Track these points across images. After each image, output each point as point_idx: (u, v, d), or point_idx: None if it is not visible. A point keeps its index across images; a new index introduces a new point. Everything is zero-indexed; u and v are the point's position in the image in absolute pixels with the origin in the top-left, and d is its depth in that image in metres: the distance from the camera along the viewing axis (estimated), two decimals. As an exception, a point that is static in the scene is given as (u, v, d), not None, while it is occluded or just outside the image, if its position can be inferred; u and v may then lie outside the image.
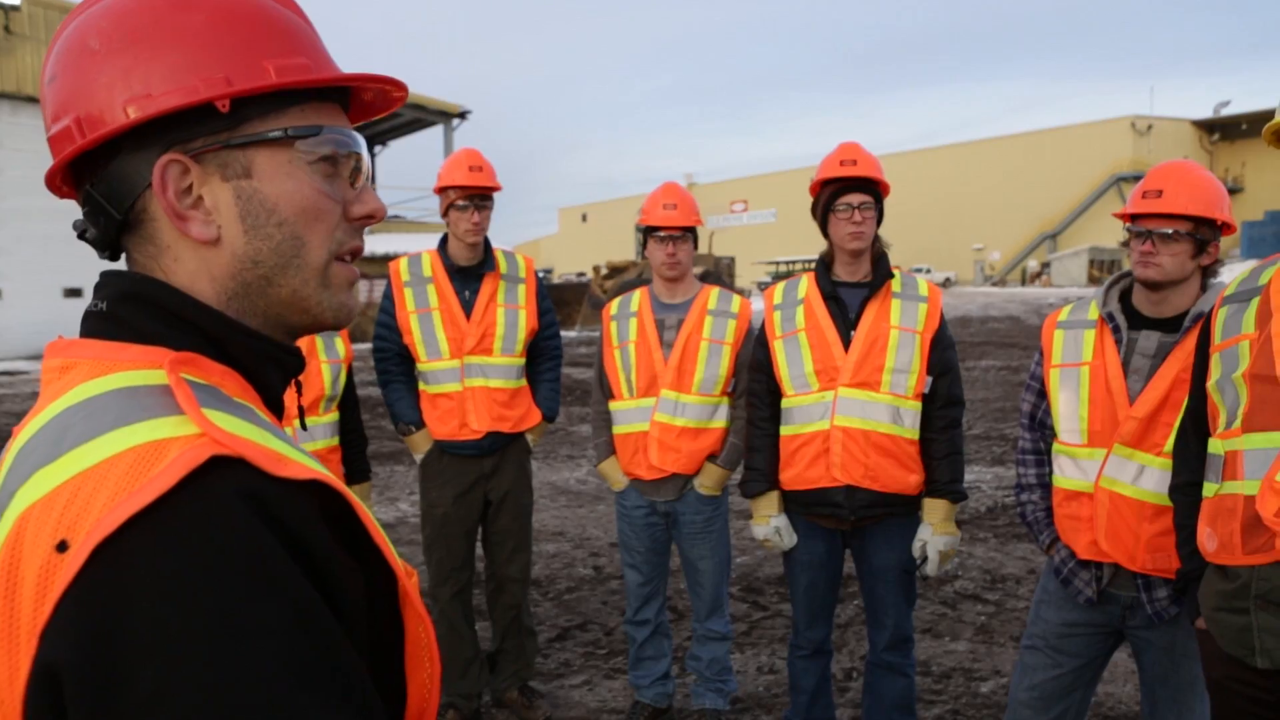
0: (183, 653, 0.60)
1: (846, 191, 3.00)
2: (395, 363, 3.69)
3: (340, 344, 3.47)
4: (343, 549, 0.72)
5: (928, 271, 52.31)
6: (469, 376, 3.59)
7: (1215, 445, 2.05)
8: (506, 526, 3.73)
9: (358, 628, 0.71)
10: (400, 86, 0.91)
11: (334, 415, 3.43)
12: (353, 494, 0.75)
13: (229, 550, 0.63)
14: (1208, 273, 2.50)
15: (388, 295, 3.67)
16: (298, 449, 0.75)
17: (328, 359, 3.39)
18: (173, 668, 0.59)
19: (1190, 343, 2.38)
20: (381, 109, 0.96)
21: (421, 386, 3.68)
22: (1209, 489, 2.06)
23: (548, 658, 4.37)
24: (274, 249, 0.83)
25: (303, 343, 3.28)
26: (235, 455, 0.67)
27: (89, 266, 19.93)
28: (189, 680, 0.59)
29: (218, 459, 0.66)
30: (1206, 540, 2.03)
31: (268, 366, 0.85)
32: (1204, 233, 2.41)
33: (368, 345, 4.96)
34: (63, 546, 0.64)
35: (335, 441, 3.42)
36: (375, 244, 24.80)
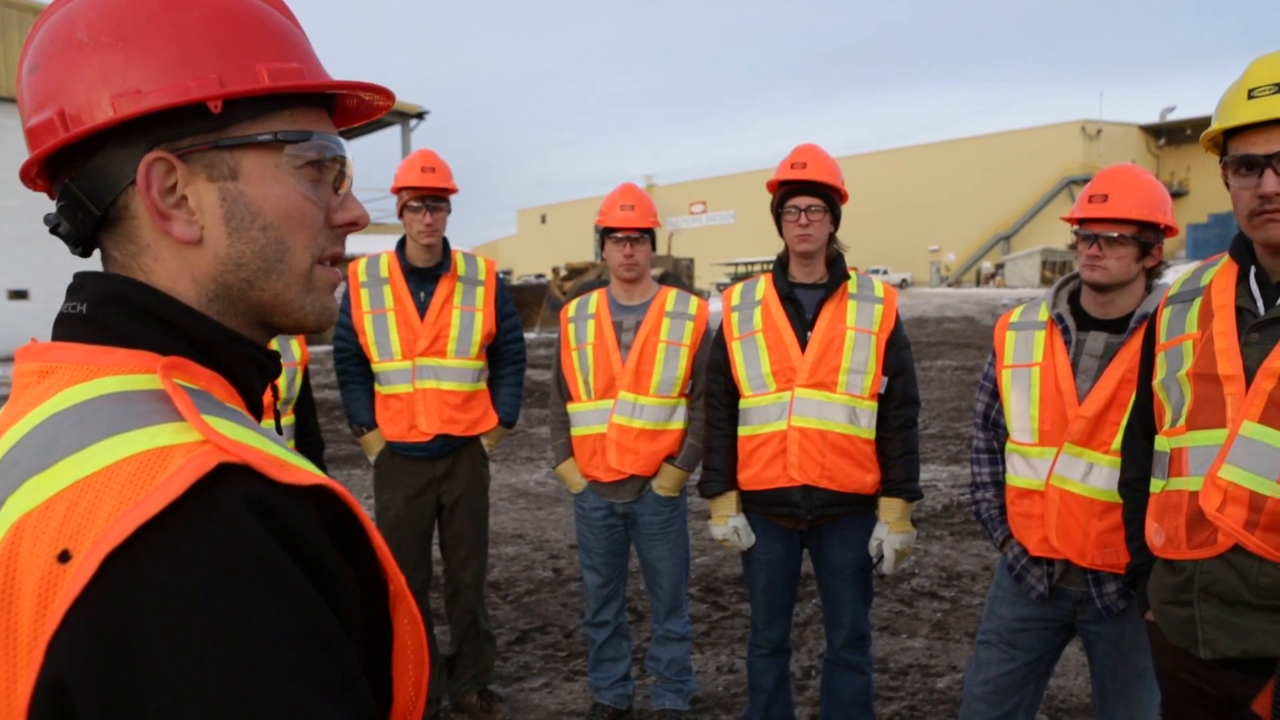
0: (198, 664, 0.59)
1: (796, 194, 3.03)
2: (353, 364, 3.66)
3: (296, 346, 3.43)
4: (340, 552, 0.72)
5: (884, 272, 52.85)
6: (420, 378, 3.56)
7: (1161, 443, 2.10)
8: (460, 530, 3.71)
9: (354, 631, 0.71)
10: (387, 95, 0.91)
11: (289, 418, 3.39)
12: (352, 498, 0.74)
13: (241, 560, 0.63)
14: (1152, 274, 2.56)
15: (345, 296, 3.64)
16: (294, 453, 0.75)
17: (284, 361, 3.35)
18: (188, 680, 0.59)
19: (1136, 343, 2.44)
20: (365, 116, 0.96)
21: (376, 387, 3.65)
22: (1156, 485, 2.11)
23: (507, 661, 4.36)
24: (258, 252, 0.82)
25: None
26: (241, 462, 0.67)
27: (33, 268, 19.48)
28: (205, 692, 0.59)
29: (224, 466, 0.66)
30: (1154, 535, 2.08)
31: (250, 370, 0.85)
32: (1148, 236, 2.47)
33: (324, 348, 4.91)
34: (65, 557, 0.63)
35: (290, 445, 3.38)
36: (331, 245, 24.46)
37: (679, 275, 28.45)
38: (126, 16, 0.78)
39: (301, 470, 0.70)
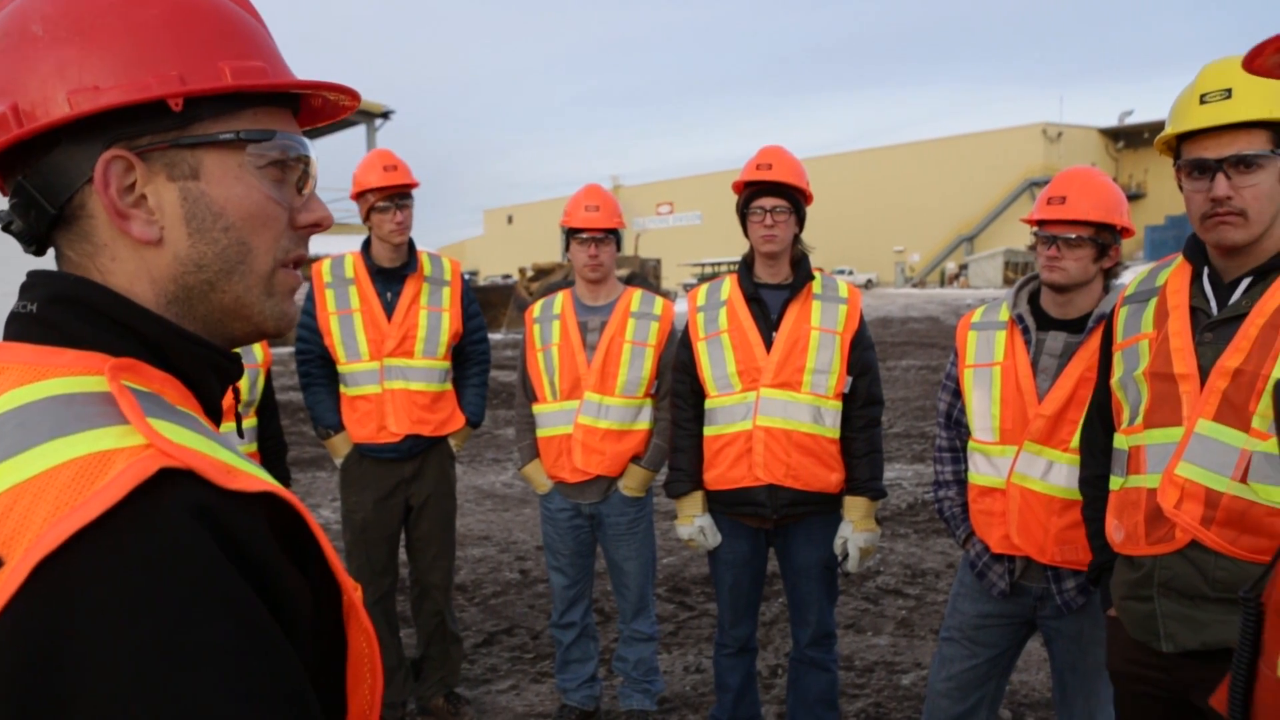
0: (130, 679, 0.57)
1: (761, 195, 3.05)
2: (317, 365, 3.63)
3: (258, 348, 3.39)
4: (290, 561, 0.70)
5: (850, 273, 53.22)
6: (388, 379, 3.54)
7: (1120, 440, 2.14)
8: (428, 532, 3.69)
9: (303, 642, 0.69)
10: (352, 95, 0.90)
11: (251, 421, 3.35)
12: (302, 505, 0.73)
13: (179, 569, 0.61)
14: (1109, 275, 2.61)
15: (309, 297, 3.61)
16: (245, 459, 0.73)
17: (245, 363, 3.31)
18: (119, 695, 0.57)
19: (1093, 342, 2.48)
20: (330, 116, 0.94)
21: (342, 389, 3.62)
22: (1115, 482, 2.14)
23: (474, 663, 4.34)
24: (219, 254, 0.81)
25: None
26: (184, 467, 0.65)
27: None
28: (137, 705, 0.57)
29: (166, 471, 0.64)
30: (1114, 532, 2.11)
31: (208, 373, 0.83)
32: (1105, 237, 2.52)
33: (287, 349, 4.84)
34: None
35: (253, 448, 3.35)
36: (295, 246, 24.23)
37: (645, 276, 28.46)
38: (83, 10, 0.76)
39: (250, 476, 0.69)
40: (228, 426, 2.92)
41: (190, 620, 0.60)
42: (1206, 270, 2.02)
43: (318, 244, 23.80)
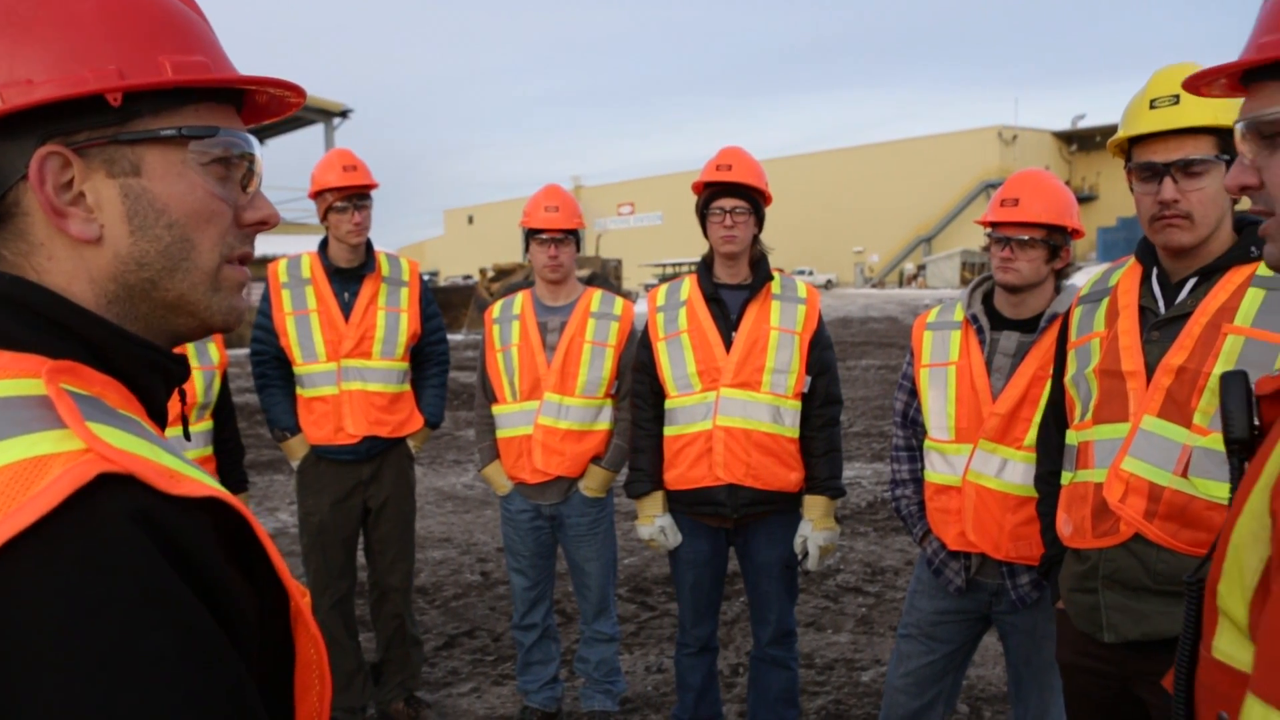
0: (70, 685, 0.56)
1: (721, 195, 3.06)
2: (273, 367, 3.59)
3: (214, 350, 3.34)
4: (236, 568, 0.69)
5: (810, 273, 53.61)
6: (346, 380, 3.51)
7: (1071, 436, 2.19)
8: (387, 534, 3.66)
9: (249, 649, 0.68)
10: (298, 92, 0.88)
11: (207, 424, 3.30)
12: (248, 511, 0.71)
13: (119, 575, 0.59)
14: (1061, 275, 2.66)
15: (265, 298, 3.57)
16: (188, 463, 0.72)
17: (200, 365, 3.27)
18: (59, 701, 0.56)
19: (1046, 341, 2.53)
20: (276, 113, 0.93)
21: (298, 390, 3.59)
22: (1065, 477, 2.19)
23: (434, 666, 4.31)
24: (162, 251, 0.79)
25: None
26: (124, 472, 0.63)
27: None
28: (77, 716, 0.56)
29: (105, 476, 0.62)
30: (1063, 526, 2.16)
31: (151, 375, 0.81)
32: (1056, 238, 2.56)
33: (244, 351, 4.80)
34: None
35: (209, 451, 3.30)
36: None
37: (607, 276, 28.46)
38: (16, 2, 0.74)
39: (193, 481, 0.67)
40: (173, 431, 2.87)
41: (131, 627, 0.58)
42: (1155, 271, 2.07)
43: (275, 244, 23.54)
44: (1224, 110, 1.90)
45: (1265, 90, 0.96)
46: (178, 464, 0.70)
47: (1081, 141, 63.30)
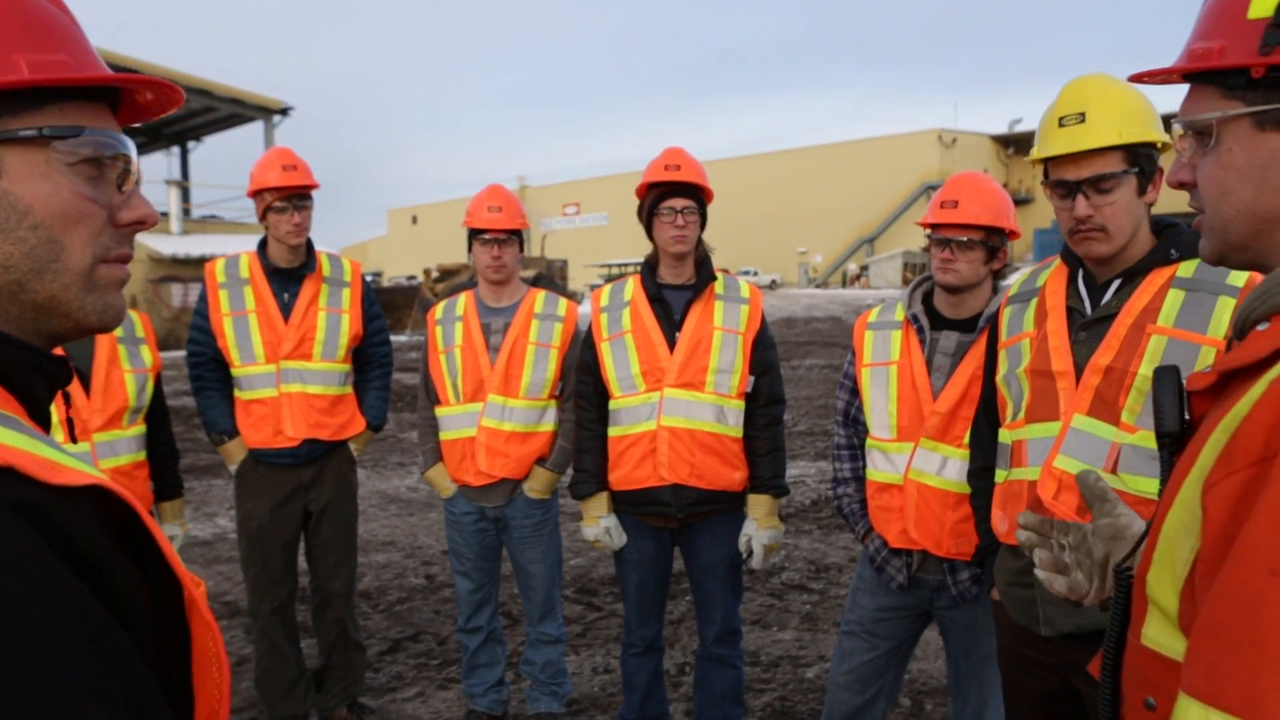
0: None
1: (670, 196, 3.07)
2: (210, 369, 3.51)
3: (147, 352, 3.26)
4: (126, 558, 0.68)
5: (755, 274, 53.98)
6: (285, 382, 3.45)
7: (1004, 435, 2.23)
8: (329, 539, 3.61)
9: (144, 637, 0.67)
10: (174, 91, 0.86)
11: (140, 428, 3.21)
12: (134, 499, 0.71)
13: (2, 565, 0.59)
14: (998, 276, 2.71)
15: (203, 299, 3.50)
16: (71, 455, 0.71)
17: (132, 368, 3.18)
18: None
19: (984, 341, 2.58)
20: (159, 110, 0.91)
21: (236, 393, 3.52)
22: (1000, 475, 2.23)
23: (378, 672, 4.26)
24: (27, 253, 0.77)
25: (103, 350, 3.07)
26: (3, 465, 0.63)
27: None
28: None
29: None
30: (998, 522, 2.20)
31: (31, 376, 0.79)
32: (994, 240, 2.62)
33: (181, 353, 4.69)
34: None
35: (142, 456, 3.21)
36: (191, 246, 23.45)
37: (552, 277, 28.38)
38: None
39: (75, 471, 0.67)
40: (116, 435, 2.79)
41: (18, 615, 0.58)
42: (1081, 272, 2.13)
43: (213, 244, 23.07)
44: (1129, 126, 1.96)
45: (1198, 93, 0.99)
46: (59, 455, 0.69)
47: (1018, 145, 64.62)
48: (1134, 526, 1.25)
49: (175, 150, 31.79)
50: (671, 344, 3.08)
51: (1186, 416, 1.01)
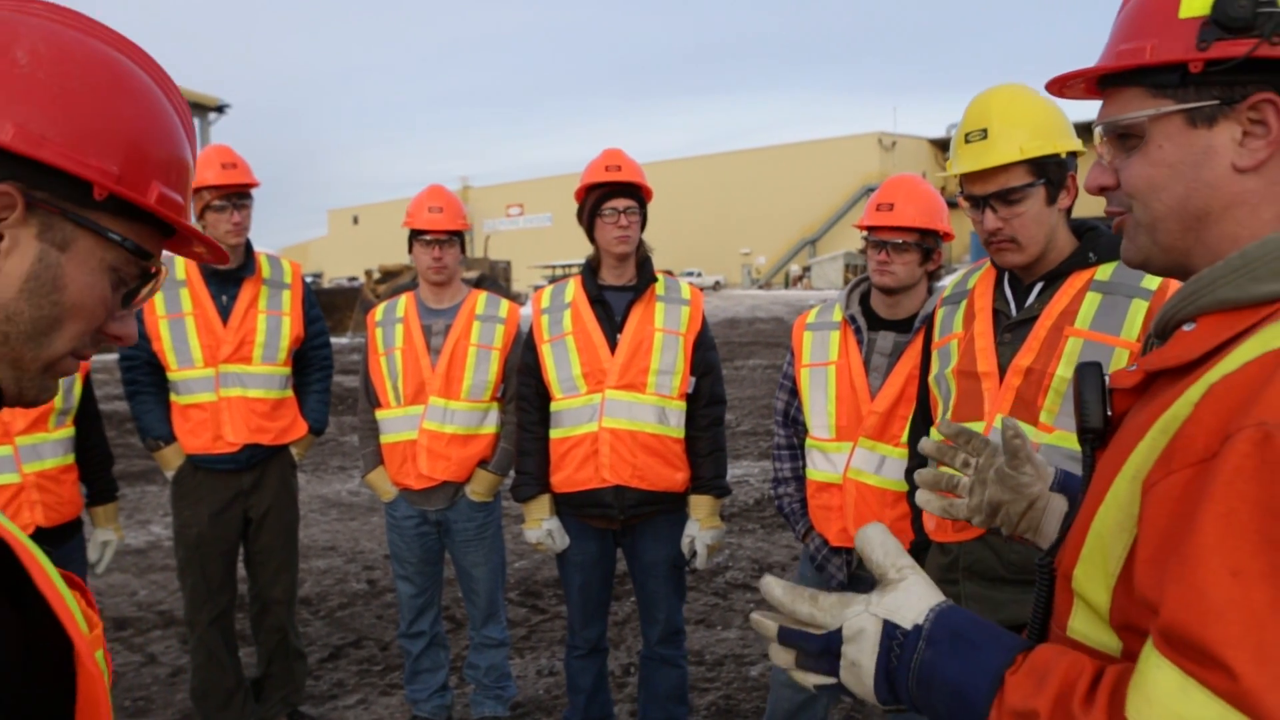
0: None
1: (612, 196, 3.07)
2: (144, 373, 3.43)
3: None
4: (3, 598, 0.67)
5: (698, 275, 54.22)
6: (225, 386, 3.39)
7: (934, 434, 2.27)
8: (269, 545, 3.55)
9: (10, 677, 0.67)
10: (222, 255, 0.95)
11: (68, 431, 3.12)
12: (22, 539, 0.71)
13: None
14: (933, 277, 2.77)
15: (137, 300, 3.41)
16: None
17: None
18: None
19: (920, 341, 2.63)
20: (197, 258, 1.00)
21: (173, 397, 3.44)
22: None
23: (319, 679, 4.20)
24: (34, 318, 0.81)
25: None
26: None
27: None
28: None
29: None
30: (927, 520, 2.25)
31: None
32: (929, 242, 2.67)
33: (113, 356, 4.55)
34: None
35: (69, 460, 3.12)
36: (121, 246, 22.80)
37: (496, 278, 28.20)
38: (73, 71, 0.79)
39: None
40: (41, 438, 2.72)
41: None
42: (1008, 275, 2.19)
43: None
44: (1032, 139, 2.00)
45: (1121, 95, 1.01)
46: None
47: (956, 148, 65.77)
48: (1032, 489, 1.28)
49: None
50: (613, 345, 3.09)
51: (1109, 413, 1.04)
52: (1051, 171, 2.03)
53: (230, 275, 3.43)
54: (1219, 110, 0.93)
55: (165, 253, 0.93)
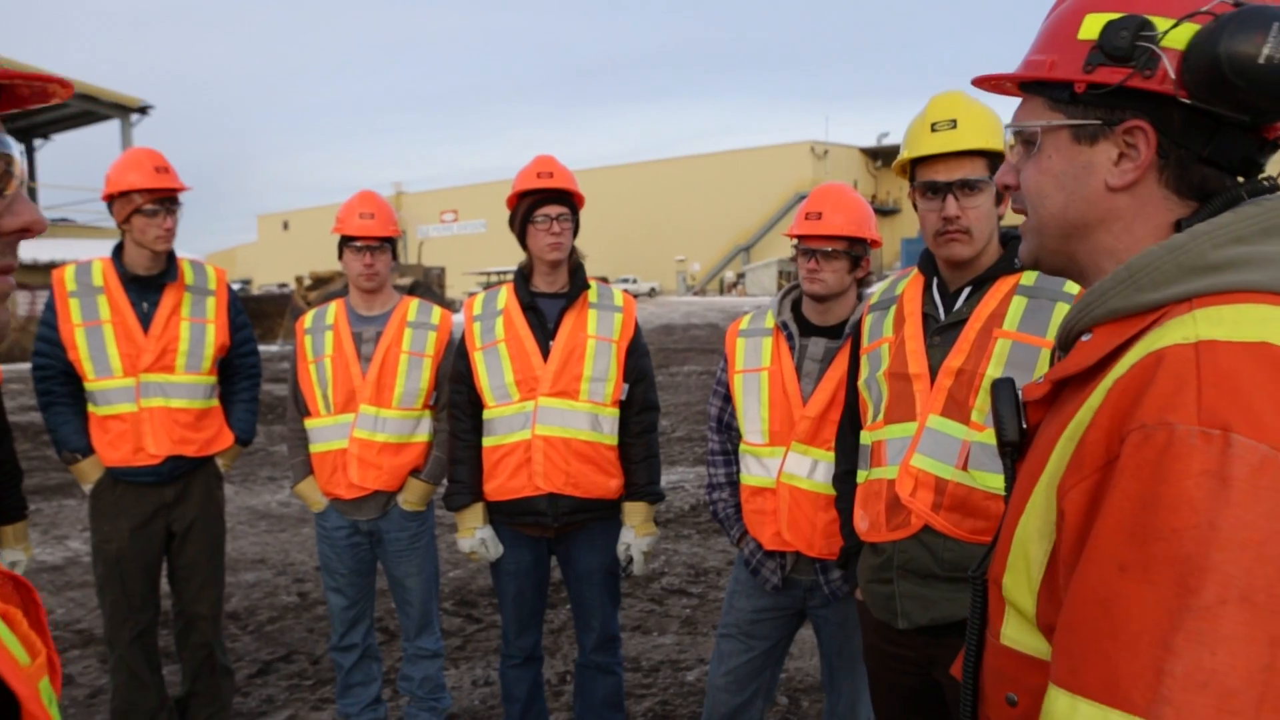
0: None
1: (544, 203, 3.07)
2: (59, 383, 3.32)
3: (-13, 364, 3.06)
4: None
5: (634, 281, 54.35)
6: (146, 396, 3.29)
7: (865, 437, 2.33)
8: (194, 559, 3.45)
9: None
10: (62, 84, 0.80)
11: (-25, 446, 3.01)
12: None
13: None
14: (862, 284, 2.81)
15: (50, 307, 3.30)
16: None
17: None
18: None
19: (850, 347, 2.68)
20: (35, 100, 0.84)
21: (90, 408, 3.33)
22: (861, 476, 2.32)
23: (248, 696, 4.10)
24: None
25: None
26: None
27: None
28: None
29: None
30: (859, 521, 2.29)
31: None
32: (858, 249, 2.72)
33: (26, 365, 4.39)
34: None
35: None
36: (39, 250, 22.03)
37: (429, 285, 27.93)
38: None
39: None
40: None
41: None
42: (936, 281, 2.25)
43: (62, 249, 21.75)
44: (992, 137, 2.11)
45: (1029, 102, 1.07)
46: None
47: (886, 157, 66.94)
48: None
49: (20, 148, 29.89)
50: (545, 353, 3.07)
51: (1024, 425, 1.08)
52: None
53: (151, 281, 3.34)
54: (1100, 130, 0.99)
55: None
